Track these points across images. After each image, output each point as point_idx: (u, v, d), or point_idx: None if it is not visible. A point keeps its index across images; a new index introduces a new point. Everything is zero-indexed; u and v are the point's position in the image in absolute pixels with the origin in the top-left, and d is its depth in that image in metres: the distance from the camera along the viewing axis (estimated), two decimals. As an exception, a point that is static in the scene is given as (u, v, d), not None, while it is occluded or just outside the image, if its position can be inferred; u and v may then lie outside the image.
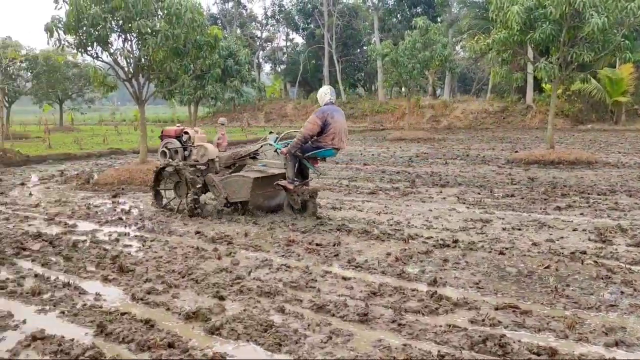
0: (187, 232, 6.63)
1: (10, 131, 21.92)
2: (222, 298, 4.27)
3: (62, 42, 11.01)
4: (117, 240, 6.25)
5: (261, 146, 7.89)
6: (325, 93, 7.44)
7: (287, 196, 7.51)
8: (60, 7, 10.91)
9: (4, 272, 5.06)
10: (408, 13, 40.40)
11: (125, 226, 7.04)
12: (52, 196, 9.51)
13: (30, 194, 9.74)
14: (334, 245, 5.86)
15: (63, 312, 4.04)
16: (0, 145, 15.65)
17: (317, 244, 5.91)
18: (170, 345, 3.42)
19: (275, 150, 7.63)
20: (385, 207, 8.09)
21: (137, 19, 10.75)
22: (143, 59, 11.76)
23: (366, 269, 5.07)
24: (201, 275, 4.80)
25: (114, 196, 9.26)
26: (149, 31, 10.94)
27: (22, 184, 11.04)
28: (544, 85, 27.87)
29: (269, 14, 49.37)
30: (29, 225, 7.12)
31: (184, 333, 3.66)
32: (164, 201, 8.17)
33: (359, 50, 47.37)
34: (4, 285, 4.62)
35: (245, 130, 26.16)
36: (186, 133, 8.04)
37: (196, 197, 7.55)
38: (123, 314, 3.95)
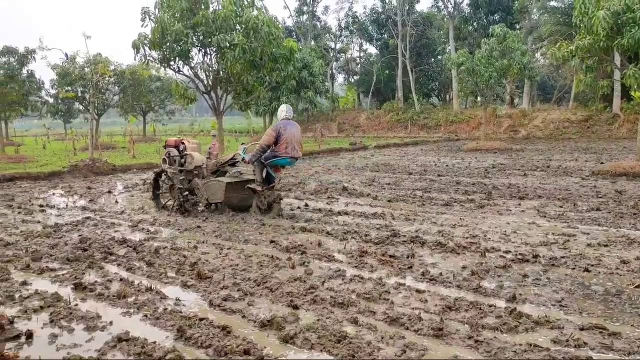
0: (261, 241, 6.76)
1: (99, 142, 23.30)
2: (296, 307, 4.31)
3: (147, 58, 11.64)
4: (195, 247, 6.47)
5: (233, 155, 8.98)
6: (282, 110, 8.42)
7: (255, 199, 8.41)
8: (147, 25, 11.56)
9: (93, 276, 5.37)
10: (484, 21, 39.55)
11: (203, 234, 7.28)
12: (136, 204, 10.00)
13: (116, 202, 10.29)
14: (407, 257, 5.78)
15: (146, 316, 4.22)
16: (90, 155, 16.67)
17: (390, 256, 5.86)
18: (246, 352, 3.49)
19: (243, 159, 8.62)
20: (460, 219, 7.90)
21: (217, 33, 11.18)
22: (221, 72, 12.20)
23: (441, 282, 4.96)
24: (276, 284, 4.87)
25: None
26: (228, 45, 11.35)
27: (109, 191, 11.67)
28: (632, 92, 26.31)
29: (342, 25, 49.89)
30: (115, 231, 7.52)
31: (259, 340, 3.72)
32: (162, 202, 9.23)
33: (433, 59, 46.83)
34: (93, 288, 4.91)
35: (318, 140, 26.37)
36: (183, 143, 8.99)
37: (183, 197, 8.60)
38: (201, 319, 4.08)
